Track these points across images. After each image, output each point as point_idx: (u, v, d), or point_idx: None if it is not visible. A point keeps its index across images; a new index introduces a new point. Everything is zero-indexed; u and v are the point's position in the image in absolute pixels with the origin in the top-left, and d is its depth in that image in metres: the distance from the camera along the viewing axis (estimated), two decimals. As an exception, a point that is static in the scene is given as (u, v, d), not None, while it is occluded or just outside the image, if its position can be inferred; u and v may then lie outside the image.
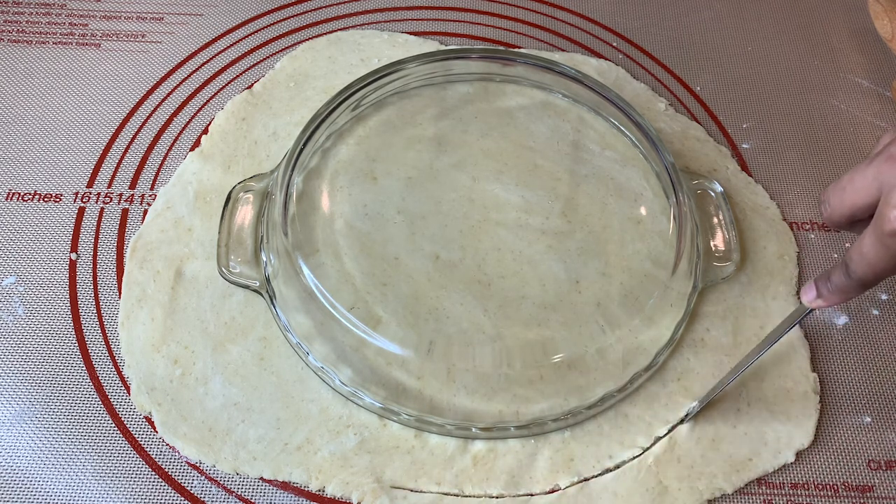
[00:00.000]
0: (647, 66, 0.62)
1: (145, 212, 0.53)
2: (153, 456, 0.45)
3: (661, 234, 0.50)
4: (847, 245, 0.54)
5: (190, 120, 0.58)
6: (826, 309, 0.51)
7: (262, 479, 0.45)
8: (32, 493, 0.44)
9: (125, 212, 0.54)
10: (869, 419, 0.47)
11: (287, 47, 0.62)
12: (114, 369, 0.48)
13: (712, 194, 0.53)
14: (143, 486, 0.44)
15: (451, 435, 0.46)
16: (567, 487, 0.45)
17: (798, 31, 0.65)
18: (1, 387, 0.47)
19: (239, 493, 0.44)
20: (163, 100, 0.59)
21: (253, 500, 0.44)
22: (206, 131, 0.57)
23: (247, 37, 0.63)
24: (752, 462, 0.45)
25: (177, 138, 0.57)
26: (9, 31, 0.62)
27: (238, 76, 0.60)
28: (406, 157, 0.53)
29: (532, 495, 0.44)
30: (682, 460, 0.45)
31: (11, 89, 0.59)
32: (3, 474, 0.45)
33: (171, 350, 0.48)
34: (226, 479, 0.45)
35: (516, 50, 0.62)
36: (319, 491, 0.44)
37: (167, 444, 0.46)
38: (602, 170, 0.53)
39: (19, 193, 0.54)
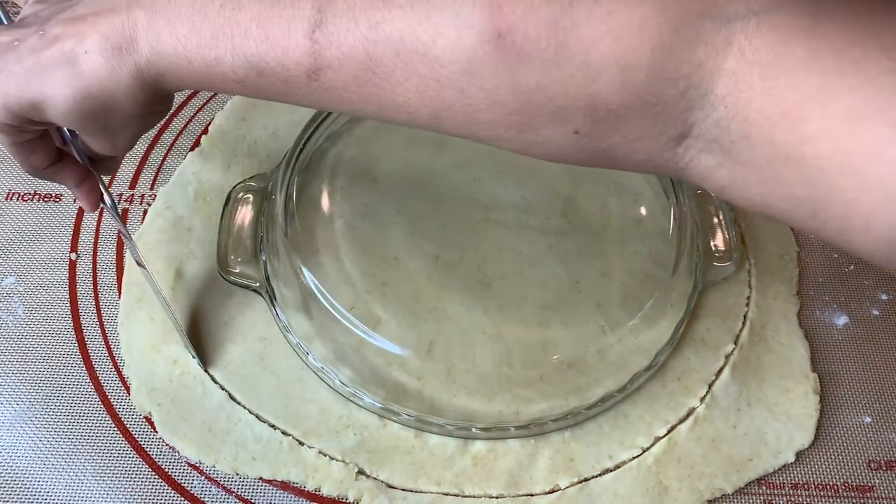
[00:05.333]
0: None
1: (145, 212, 0.53)
2: (153, 456, 0.45)
3: (662, 234, 0.50)
4: (847, 245, 0.54)
5: (189, 120, 0.58)
6: (824, 310, 0.51)
7: (261, 479, 0.45)
8: (32, 494, 0.44)
9: (125, 212, 0.54)
10: (869, 419, 0.47)
11: (287, 47, 0.62)
12: (113, 369, 0.48)
13: (713, 194, 0.53)
14: (142, 487, 0.44)
15: (451, 435, 0.46)
16: (567, 488, 0.45)
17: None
18: (1, 387, 0.47)
19: (239, 493, 0.44)
20: (163, 100, 0.59)
21: (252, 500, 0.44)
22: (205, 131, 0.57)
23: (247, 37, 0.62)
24: (752, 462, 0.45)
25: (176, 138, 0.57)
26: (9, 31, 0.62)
27: (238, 76, 0.60)
28: (406, 157, 0.52)
29: (532, 495, 0.44)
30: (683, 460, 0.45)
31: (11, 89, 0.59)
32: (2, 474, 0.45)
33: (171, 350, 0.48)
34: (225, 479, 0.45)
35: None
36: (318, 490, 0.44)
37: (167, 445, 0.46)
38: (602, 170, 0.52)
39: (19, 193, 0.54)
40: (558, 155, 0.31)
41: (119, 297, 0.50)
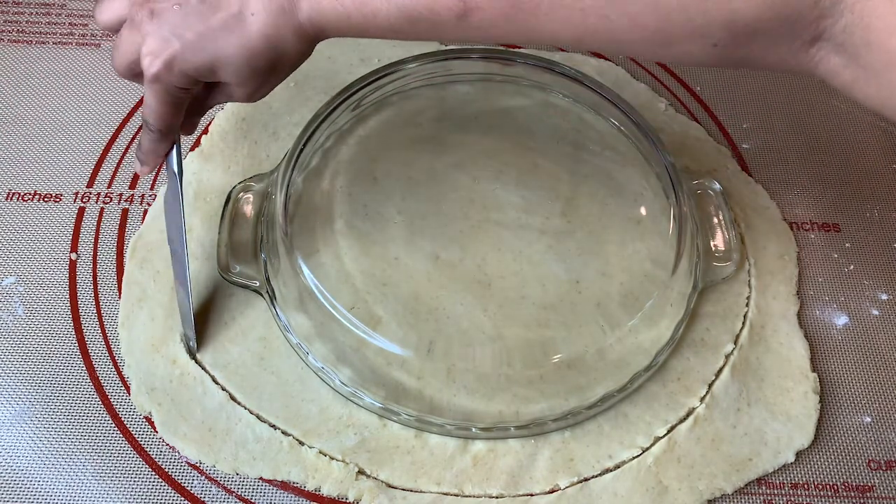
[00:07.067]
0: (647, 66, 0.62)
1: (145, 212, 0.53)
2: (153, 456, 0.45)
3: (661, 235, 0.50)
4: (847, 245, 0.54)
5: (190, 120, 0.58)
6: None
7: (261, 478, 0.45)
8: (32, 493, 0.44)
9: (125, 212, 0.54)
10: (869, 419, 0.47)
11: (287, 47, 0.62)
12: (114, 369, 0.48)
13: (712, 194, 0.53)
14: (143, 487, 0.44)
15: (451, 435, 0.46)
16: (567, 487, 0.45)
17: (798, 31, 0.65)
18: (1, 387, 0.47)
19: (239, 493, 0.44)
20: (163, 100, 0.59)
21: (253, 500, 0.44)
22: (206, 131, 0.57)
23: (247, 37, 0.62)
24: (752, 462, 0.45)
25: (177, 138, 0.57)
26: (9, 31, 0.62)
27: (238, 76, 0.60)
28: (406, 157, 0.53)
29: (532, 495, 0.44)
30: (682, 460, 0.45)
31: (11, 89, 0.59)
32: (3, 474, 0.45)
33: (171, 350, 0.48)
34: (226, 479, 0.45)
35: (516, 50, 0.62)
36: (318, 490, 0.44)
37: (167, 444, 0.46)
38: (602, 170, 0.53)
39: (19, 193, 0.54)
40: (696, 63, 0.33)
41: (119, 297, 0.50)
